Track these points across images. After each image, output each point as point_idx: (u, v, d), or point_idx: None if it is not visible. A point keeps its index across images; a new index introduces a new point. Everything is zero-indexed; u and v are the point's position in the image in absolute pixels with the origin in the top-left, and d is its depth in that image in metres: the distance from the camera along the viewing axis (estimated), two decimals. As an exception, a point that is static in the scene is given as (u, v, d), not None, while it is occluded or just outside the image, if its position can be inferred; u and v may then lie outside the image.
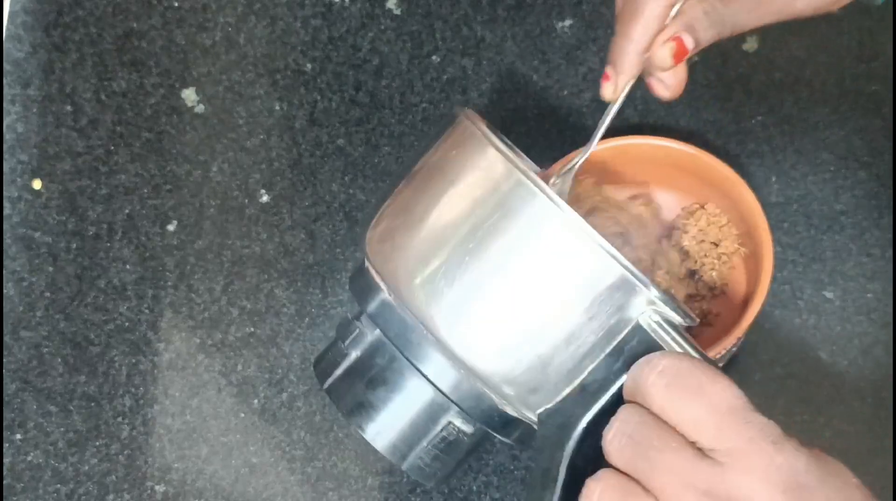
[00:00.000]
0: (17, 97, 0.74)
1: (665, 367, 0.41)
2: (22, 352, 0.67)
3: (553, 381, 0.45)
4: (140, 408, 0.66)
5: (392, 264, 0.47)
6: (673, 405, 0.40)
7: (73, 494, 0.64)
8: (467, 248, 0.44)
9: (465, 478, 0.64)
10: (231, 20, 0.76)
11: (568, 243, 0.43)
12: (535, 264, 0.44)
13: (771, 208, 0.67)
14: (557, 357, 0.45)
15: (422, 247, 0.46)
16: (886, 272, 0.66)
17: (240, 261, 0.70)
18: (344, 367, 0.50)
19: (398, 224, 0.47)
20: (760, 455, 0.39)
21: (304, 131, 0.73)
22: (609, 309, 0.44)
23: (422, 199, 0.47)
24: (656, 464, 0.40)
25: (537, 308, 0.44)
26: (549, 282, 0.44)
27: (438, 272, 0.45)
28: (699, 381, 0.40)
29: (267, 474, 0.64)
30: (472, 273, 0.44)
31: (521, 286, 0.44)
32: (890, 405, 0.63)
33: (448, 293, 0.45)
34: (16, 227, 0.70)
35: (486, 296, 0.44)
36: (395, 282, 0.47)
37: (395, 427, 0.49)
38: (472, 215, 0.45)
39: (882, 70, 0.71)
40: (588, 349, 0.44)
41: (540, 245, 0.43)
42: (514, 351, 0.45)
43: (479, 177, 0.45)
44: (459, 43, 0.75)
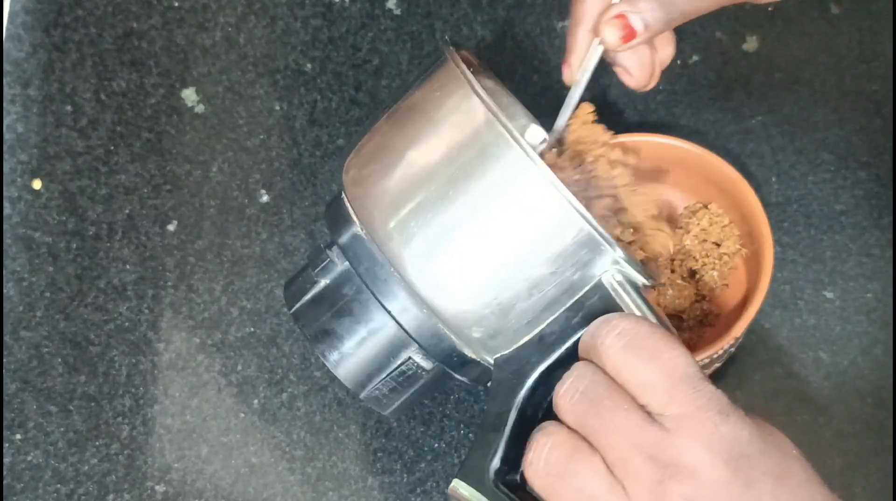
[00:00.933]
0: (17, 97, 0.74)
1: (623, 329, 0.42)
2: (22, 352, 0.67)
3: (512, 328, 0.46)
4: (140, 408, 0.66)
5: (367, 199, 0.47)
6: (627, 367, 0.41)
7: (73, 494, 0.64)
8: (442, 192, 0.45)
9: (465, 478, 0.64)
10: (231, 20, 0.76)
11: (539, 196, 0.44)
12: (506, 214, 0.44)
13: (771, 208, 0.67)
14: (519, 306, 0.45)
15: (397, 186, 0.46)
16: (886, 272, 0.66)
17: (240, 261, 0.70)
18: (312, 293, 0.51)
19: (375, 160, 0.48)
20: (706, 423, 0.40)
21: (304, 131, 0.73)
22: (573, 265, 0.44)
23: (400, 138, 0.47)
24: (606, 423, 0.41)
25: (504, 257, 0.45)
26: (518, 232, 0.44)
27: (411, 213, 0.46)
28: (655, 346, 0.41)
29: (267, 474, 0.64)
30: (445, 217, 0.45)
31: (491, 234, 0.45)
32: (890, 405, 0.63)
33: (419, 234, 0.45)
34: (16, 227, 0.70)
35: (456, 240, 0.45)
36: (369, 218, 0.47)
37: (356, 358, 0.50)
38: (449, 160, 0.45)
39: (882, 70, 0.72)
40: (549, 300, 0.45)
41: (512, 196, 0.44)
42: (477, 296, 0.45)
43: (460, 123, 0.45)
44: (459, 43, 0.75)
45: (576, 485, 0.40)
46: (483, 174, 0.44)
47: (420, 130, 0.47)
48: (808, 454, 0.62)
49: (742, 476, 0.39)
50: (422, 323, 0.47)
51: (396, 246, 0.46)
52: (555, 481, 0.41)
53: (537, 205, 0.44)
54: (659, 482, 0.39)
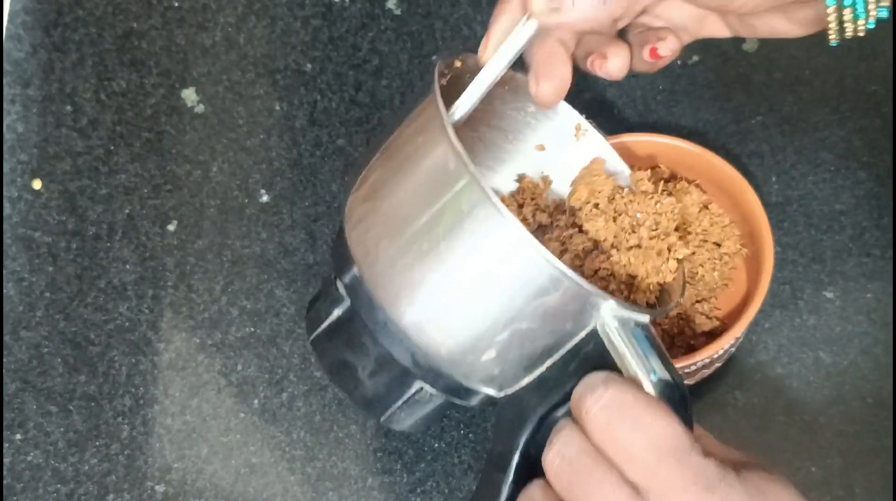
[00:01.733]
0: (17, 97, 0.74)
1: (607, 400, 0.41)
2: (22, 352, 0.67)
3: (510, 374, 0.46)
4: (140, 408, 0.66)
5: (361, 242, 0.47)
6: (612, 439, 0.41)
7: (73, 494, 0.64)
8: (428, 246, 0.45)
9: (464, 478, 0.64)
10: (231, 20, 0.76)
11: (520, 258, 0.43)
12: (489, 272, 0.44)
13: (771, 208, 0.67)
14: (513, 354, 0.45)
15: (388, 236, 0.46)
16: (886, 272, 0.66)
17: (240, 261, 0.70)
18: (327, 324, 0.51)
19: (367, 203, 0.48)
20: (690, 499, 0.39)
21: (304, 131, 0.73)
22: (563, 317, 0.44)
23: (389, 183, 0.47)
24: (591, 497, 0.41)
25: (493, 311, 0.44)
26: (504, 290, 0.44)
27: (403, 265, 0.45)
28: (640, 417, 0.41)
29: (267, 474, 0.64)
30: (430, 272, 0.45)
31: (476, 290, 0.44)
32: (890, 405, 0.63)
33: (409, 286, 0.45)
34: (16, 227, 0.70)
35: (443, 295, 0.45)
36: (364, 261, 0.47)
37: (370, 388, 0.50)
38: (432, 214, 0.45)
39: (882, 70, 0.72)
40: (543, 349, 0.45)
41: (493, 256, 0.44)
42: (472, 346, 0.45)
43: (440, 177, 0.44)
44: (459, 43, 0.75)
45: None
46: (465, 233, 0.44)
47: (405, 176, 0.46)
48: (808, 454, 0.62)
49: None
50: (423, 365, 0.47)
51: (390, 295, 0.46)
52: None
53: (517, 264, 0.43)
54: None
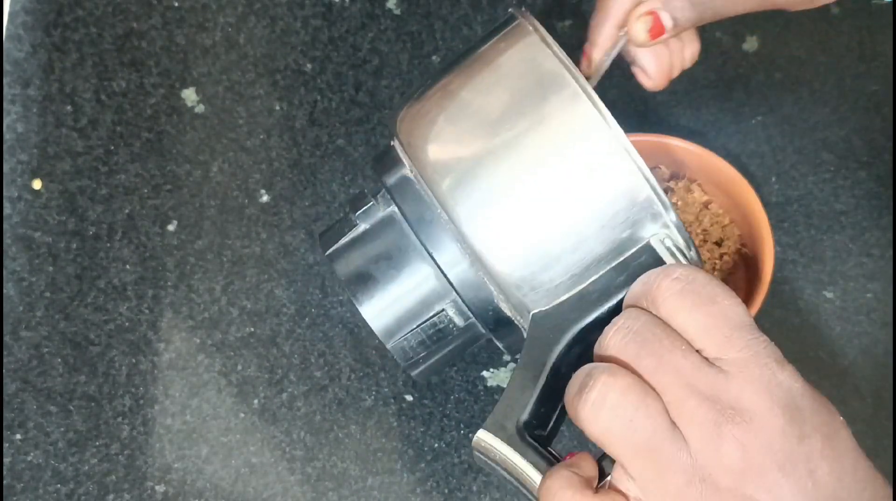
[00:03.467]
0: (17, 97, 0.74)
1: (680, 274, 0.41)
2: (22, 352, 0.67)
3: (555, 283, 0.45)
4: (140, 408, 0.66)
5: (422, 142, 0.47)
6: (684, 310, 0.41)
7: (73, 494, 0.64)
8: (505, 141, 0.44)
9: (464, 478, 0.64)
10: (231, 20, 0.76)
11: (606, 153, 0.43)
12: (567, 168, 0.44)
13: (771, 208, 0.67)
14: (564, 261, 0.45)
15: (458, 131, 0.46)
16: (886, 272, 0.66)
17: (240, 261, 0.70)
18: (351, 236, 0.50)
19: (437, 105, 0.47)
20: (764, 369, 0.40)
21: (304, 131, 0.73)
22: (623, 223, 0.44)
23: (465, 86, 0.47)
24: (663, 363, 0.40)
25: (558, 210, 0.44)
26: (576, 187, 0.44)
27: (470, 158, 0.45)
28: (713, 292, 0.41)
29: (267, 474, 0.64)
30: (505, 166, 0.44)
31: (549, 187, 0.44)
32: (890, 405, 0.63)
33: (474, 180, 0.45)
34: (16, 227, 0.70)
35: (512, 189, 0.45)
36: (422, 160, 0.47)
37: (388, 303, 0.49)
38: (515, 110, 0.45)
39: (882, 70, 0.72)
40: (596, 257, 0.45)
41: (577, 150, 0.44)
42: (524, 246, 0.45)
43: (529, 73, 0.45)
44: (459, 43, 0.75)
45: (635, 428, 0.39)
46: (549, 127, 0.44)
47: (487, 79, 0.46)
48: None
49: (797, 427, 0.39)
50: (462, 269, 0.47)
51: (449, 188, 0.45)
52: (618, 425, 0.40)
53: (602, 162, 0.44)
54: (716, 423, 0.39)
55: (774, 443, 0.38)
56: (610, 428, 0.40)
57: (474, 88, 0.46)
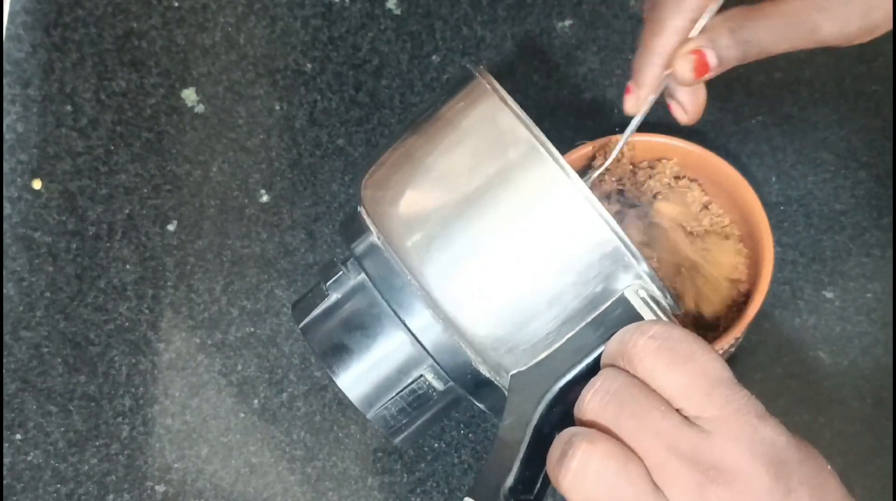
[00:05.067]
0: (17, 97, 0.74)
1: (656, 332, 0.41)
2: (22, 352, 0.67)
3: (531, 343, 0.45)
4: (140, 408, 0.66)
5: (387, 208, 0.46)
6: (661, 369, 0.40)
7: (73, 494, 0.64)
8: (468, 202, 0.44)
9: (464, 478, 0.64)
10: (231, 20, 0.76)
11: (569, 208, 0.43)
12: (532, 225, 0.44)
13: (771, 208, 0.67)
14: (539, 319, 0.44)
15: (421, 194, 0.46)
16: (886, 272, 0.66)
17: (240, 261, 0.70)
18: (323, 307, 0.50)
19: (398, 170, 0.47)
20: (746, 425, 0.39)
21: (304, 131, 0.73)
22: (596, 277, 0.44)
23: (429, 149, 0.46)
24: (643, 424, 0.40)
25: (527, 268, 0.44)
26: (544, 243, 0.44)
27: (435, 221, 0.45)
28: (689, 349, 0.40)
29: (267, 474, 0.64)
30: (470, 226, 0.44)
31: (515, 244, 0.44)
32: (890, 405, 0.63)
33: (441, 243, 0.44)
34: (16, 227, 0.70)
35: (479, 249, 0.44)
36: (388, 226, 0.46)
37: (365, 373, 0.49)
38: (476, 171, 0.44)
39: (882, 70, 0.72)
40: (569, 314, 0.44)
41: (541, 207, 0.43)
42: (496, 306, 0.44)
43: (490, 134, 0.45)
44: (459, 43, 0.75)
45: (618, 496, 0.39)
46: (512, 185, 0.44)
47: (448, 141, 0.46)
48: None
49: (782, 483, 0.38)
50: (436, 335, 0.46)
51: (418, 257, 0.45)
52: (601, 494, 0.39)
53: (567, 217, 0.43)
54: (699, 485, 0.38)
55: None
56: (593, 497, 0.40)
57: (435, 151, 0.46)
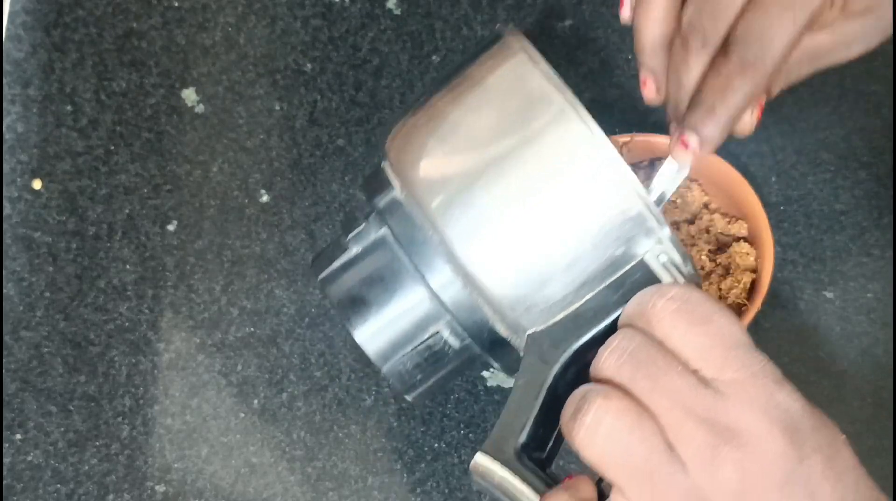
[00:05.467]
0: (17, 97, 0.74)
1: (675, 294, 0.41)
2: (22, 352, 0.67)
3: (549, 302, 0.45)
4: (140, 408, 0.66)
5: (412, 163, 0.46)
6: (679, 330, 0.40)
7: (73, 494, 0.64)
8: (495, 160, 0.44)
9: (464, 478, 0.64)
10: (231, 20, 0.76)
11: (596, 170, 0.43)
12: (557, 186, 0.43)
13: (771, 208, 0.67)
14: (558, 280, 0.44)
15: (448, 152, 0.45)
16: (886, 272, 0.66)
17: (240, 261, 0.70)
18: (342, 260, 0.49)
19: (426, 126, 0.47)
20: (762, 389, 0.39)
21: (304, 131, 0.73)
22: (617, 240, 0.43)
23: (456, 106, 0.46)
24: (659, 385, 0.39)
25: (550, 228, 0.44)
26: (567, 205, 0.43)
27: (459, 180, 0.45)
28: (708, 311, 0.40)
29: (267, 474, 0.64)
30: (494, 185, 0.44)
31: (539, 205, 0.44)
32: (890, 405, 0.63)
33: (465, 201, 0.44)
34: (16, 227, 0.70)
35: (503, 209, 0.44)
36: (412, 183, 0.46)
37: (382, 327, 0.48)
38: (504, 129, 0.44)
39: (882, 70, 0.72)
40: (589, 275, 0.44)
41: (567, 169, 0.43)
42: (517, 266, 0.44)
43: (518, 94, 0.44)
44: (459, 43, 0.75)
45: (631, 452, 0.39)
46: (539, 145, 0.44)
47: (475, 99, 0.46)
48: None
49: (796, 448, 0.38)
50: (457, 292, 0.46)
51: (440, 214, 0.45)
52: (614, 449, 0.39)
53: (592, 179, 0.43)
54: (713, 446, 0.38)
55: (773, 465, 0.38)
56: (606, 452, 0.39)
57: (463, 108, 0.46)
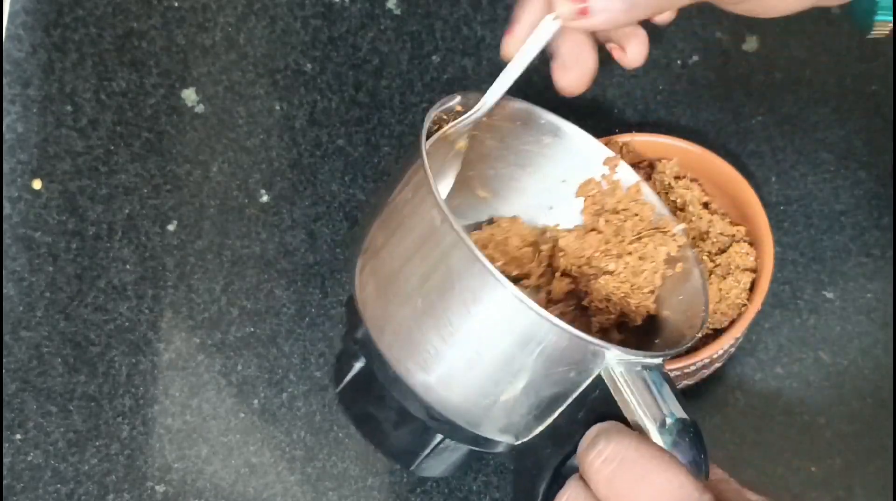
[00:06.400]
0: (17, 97, 0.74)
1: (609, 455, 0.41)
2: (22, 352, 0.67)
3: (523, 424, 0.45)
4: (140, 408, 0.66)
5: (368, 302, 0.47)
6: (617, 495, 0.40)
7: (73, 494, 0.64)
8: (420, 306, 0.44)
9: (464, 478, 0.64)
10: (231, 20, 0.76)
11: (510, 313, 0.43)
12: (483, 327, 0.44)
13: (771, 208, 0.67)
14: (521, 405, 0.45)
15: (386, 295, 0.46)
16: (886, 272, 0.66)
17: (240, 261, 0.70)
18: (350, 377, 0.51)
19: (370, 264, 0.47)
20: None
21: (304, 131, 0.73)
22: (567, 366, 0.43)
23: (385, 244, 0.47)
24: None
25: (492, 366, 0.44)
26: (500, 344, 0.44)
27: (400, 323, 0.45)
28: (643, 471, 0.40)
29: (267, 474, 0.64)
30: (429, 330, 0.44)
31: (473, 346, 0.44)
32: (890, 405, 0.63)
33: (409, 344, 0.45)
34: (16, 227, 0.70)
35: (443, 352, 0.44)
36: (370, 320, 0.47)
37: (395, 439, 0.50)
38: (423, 273, 0.44)
39: (882, 70, 0.71)
40: (550, 398, 0.44)
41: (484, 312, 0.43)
42: (477, 401, 0.45)
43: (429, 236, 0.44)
44: (459, 43, 0.75)
45: None
46: (455, 291, 0.44)
47: (399, 236, 0.46)
48: (808, 454, 0.62)
49: None
50: (438, 418, 0.47)
51: (395, 354, 0.46)
52: None
53: (509, 319, 0.43)
54: None
55: None
56: None
57: (392, 253, 0.46)
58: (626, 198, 0.55)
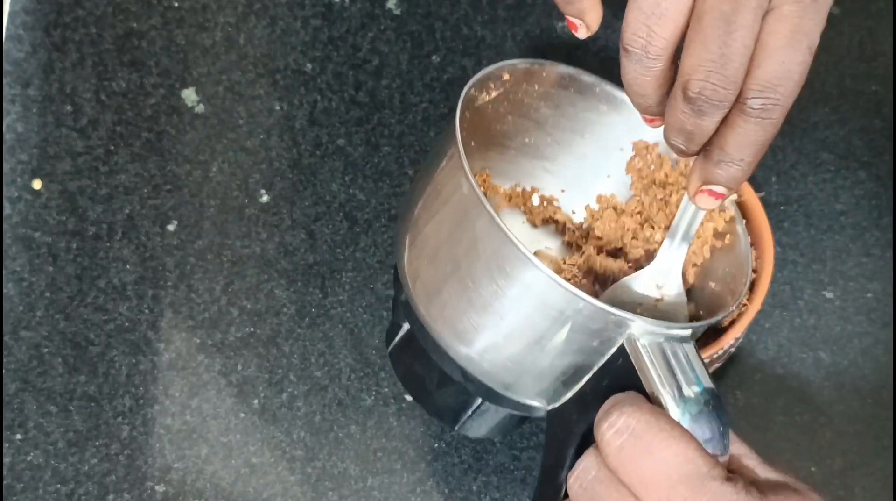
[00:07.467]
0: (17, 97, 0.74)
1: (620, 427, 0.41)
2: (22, 352, 0.67)
3: (552, 388, 0.47)
4: (140, 408, 0.66)
5: (410, 268, 0.49)
6: (624, 466, 0.41)
7: (73, 494, 0.64)
8: (462, 285, 0.46)
9: (464, 478, 0.64)
10: (231, 20, 0.76)
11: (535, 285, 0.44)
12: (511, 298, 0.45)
13: (771, 208, 0.67)
14: (550, 371, 0.46)
15: (424, 263, 0.49)
16: (886, 272, 0.66)
17: (240, 261, 0.70)
18: (399, 336, 0.53)
19: (412, 233, 0.50)
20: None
21: (304, 131, 0.73)
22: (589, 336, 0.45)
23: (423, 216, 0.49)
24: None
25: (520, 334, 0.46)
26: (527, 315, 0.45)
27: (435, 290, 0.48)
28: (652, 442, 0.40)
29: (267, 474, 0.64)
30: (459, 298, 0.47)
31: (501, 315, 0.46)
32: (890, 405, 0.63)
33: (444, 311, 0.47)
34: (16, 227, 0.70)
35: (473, 320, 0.47)
36: (412, 286, 0.49)
37: (438, 398, 0.52)
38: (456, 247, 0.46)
39: (882, 70, 0.72)
40: (577, 366, 0.46)
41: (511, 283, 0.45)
42: (511, 366, 0.47)
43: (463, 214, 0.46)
44: (459, 43, 0.75)
45: None
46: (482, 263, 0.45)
47: (437, 211, 0.48)
48: (808, 454, 0.62)
49: None
50: (473, 381, 0.49)
51: (433, 318, 0.48)
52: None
53: (543, 297, 0.44)
54: None
55: None
56: None
57: (430, 223, 0.48)
58: (674, 172, 0.56)
